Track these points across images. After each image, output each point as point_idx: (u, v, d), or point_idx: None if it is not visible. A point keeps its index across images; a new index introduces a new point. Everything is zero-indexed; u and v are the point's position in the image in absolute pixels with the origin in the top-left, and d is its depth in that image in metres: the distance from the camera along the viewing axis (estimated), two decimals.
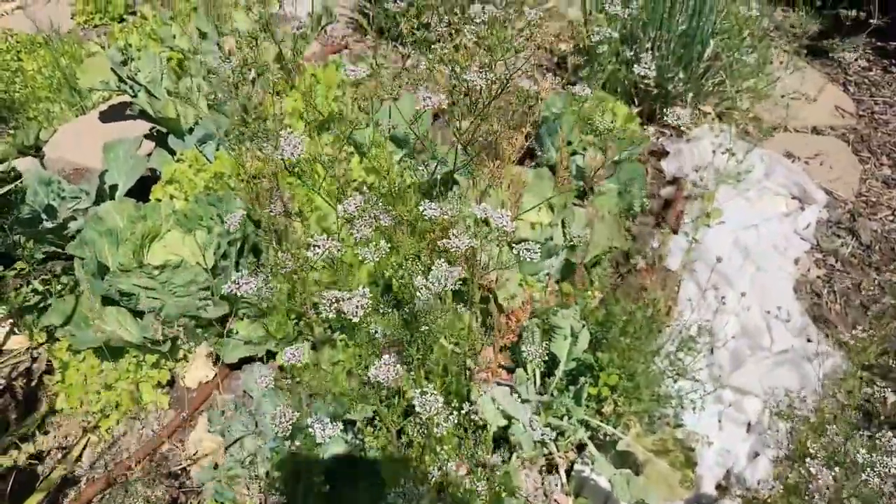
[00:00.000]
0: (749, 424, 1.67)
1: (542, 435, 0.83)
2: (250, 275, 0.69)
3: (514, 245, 0.98)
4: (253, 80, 1.31)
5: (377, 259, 0.81)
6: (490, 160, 1.05)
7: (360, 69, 0.72)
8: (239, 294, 0.69)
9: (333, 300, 0.63)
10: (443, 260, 0.80)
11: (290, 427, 0.87)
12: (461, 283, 0.87)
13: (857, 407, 1.37)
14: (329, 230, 1.59)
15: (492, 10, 0.64)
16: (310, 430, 0.84)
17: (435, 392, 0.80)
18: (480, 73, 0.64)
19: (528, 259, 0.85)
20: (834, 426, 1.06)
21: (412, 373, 1.13)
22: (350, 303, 0.62)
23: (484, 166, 1.05)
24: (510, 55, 0.65)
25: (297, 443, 1.22)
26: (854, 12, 1.85)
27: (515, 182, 1.12)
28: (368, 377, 0.68)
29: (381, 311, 0.87)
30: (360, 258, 0.80)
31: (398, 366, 0.69)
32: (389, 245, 0.90)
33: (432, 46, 0.78)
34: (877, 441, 0.96)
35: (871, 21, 1.76)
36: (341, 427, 0.86)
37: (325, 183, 0.82)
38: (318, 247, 0.68)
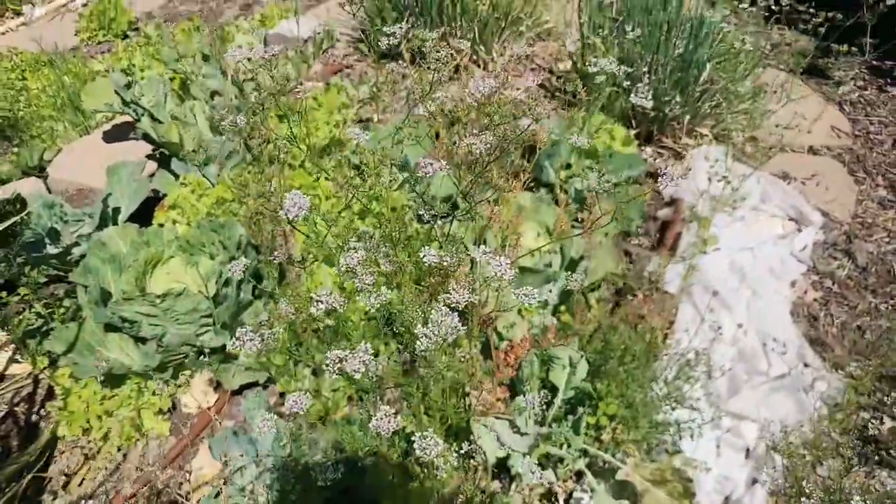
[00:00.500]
0: (747, 450, 1.68)
1: (541, 478, 0.84)
2: (253, 330, 0.71)
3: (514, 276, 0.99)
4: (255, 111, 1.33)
5: (377, 305, 0.83)
6: (489, 196, 1.07)
7: (364, 134, 0.74)
8: (243, 349, 0.71)
9: (336, 360, 0.65)
10: (442, 304, 0.81)
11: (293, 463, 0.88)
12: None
13: (851, 446, 1.38)
14: (331, 257, 1.61)
15: (491, 84, 0.67)
16: (311, 472, 0.85)
17: (434, 435, 0.82)
18: (480, 136, 0.67)
19: (528, 304, 0.86)
20: (830, 461, 1.07)
21: (411, 408, 1.14)
22: (352, 362, 0.64)
23: (484, 203, 1.07)
24: (508, 119, 0.67)
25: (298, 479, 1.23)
26: (846, 47, 1.88)
27: (514, 222, 1.14)
28: (369, 428, 0.70)
29: (385, 355, 0.89)
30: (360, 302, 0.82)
31: (398, 416, 0.71)
32: (389, 287, 0.92)
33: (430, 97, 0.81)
34: (872, 480, 0.97)
35: (866, 44, 1.80)
36: (342, 470, 0.87)
37: (329, 236, 0.84)
38: (322, 302, 0.70)
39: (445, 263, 0.85)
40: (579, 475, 1.53)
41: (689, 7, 2.35)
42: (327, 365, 0.65)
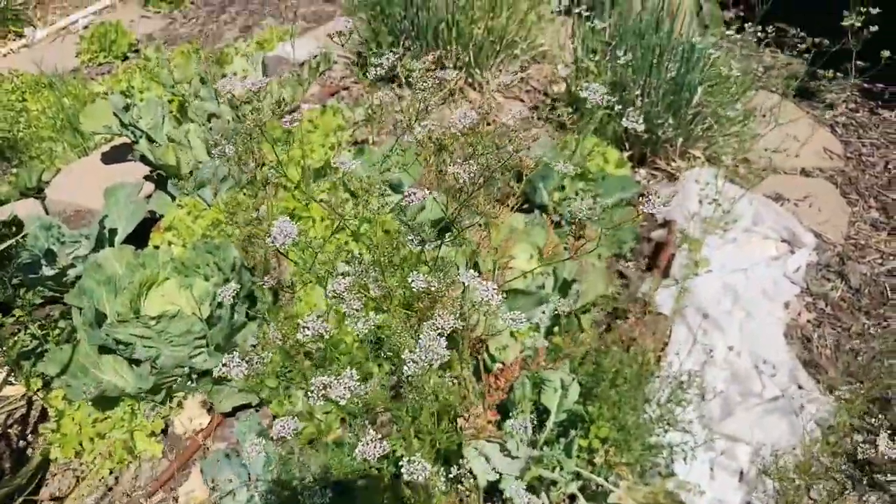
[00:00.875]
0: (741, 473, 1.67)
1: (528, 502, 0.84)
2: (241, 356, 0.72)
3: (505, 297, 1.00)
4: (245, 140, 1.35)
5: (365, 330, 0.84)
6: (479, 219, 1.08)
7: (350, 162, 0.76)
8: (230, 375, 0.71)
9: (321, 386, 0.65)
10: (429, 330, 0.82)
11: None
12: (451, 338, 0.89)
13: (842, 469, 1.37)
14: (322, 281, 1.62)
15: (473, 116, 0.68)
16: (299, 497, 0.85)
17: (422, 459, 0.82)
18: (464, 165, 0.68)
19: (517, 329, 0.87)
20: (822, 484, 1.07)
21: (401, 431, 1.14)
22: (337, 388, 0.65)
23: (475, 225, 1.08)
24: (490, 150, 0.69)
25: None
26: (832, 72, 1.92)
27: (505, 245, 1.15)
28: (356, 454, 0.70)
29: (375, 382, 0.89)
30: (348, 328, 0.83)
31: (384, 442, 0.71)
32: (378, 312, 0.93)
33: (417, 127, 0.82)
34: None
35: (852, 69, 1.85)
36: (331, 495, 0.87)
37: (318, 263, 0.86)
38: (308, 328, 0.71)
39: (433, 288, 0.86)
40: (572, 498, 1.52)
41: (681, 31, 2.39)
42: (312, 391, 0.66)
